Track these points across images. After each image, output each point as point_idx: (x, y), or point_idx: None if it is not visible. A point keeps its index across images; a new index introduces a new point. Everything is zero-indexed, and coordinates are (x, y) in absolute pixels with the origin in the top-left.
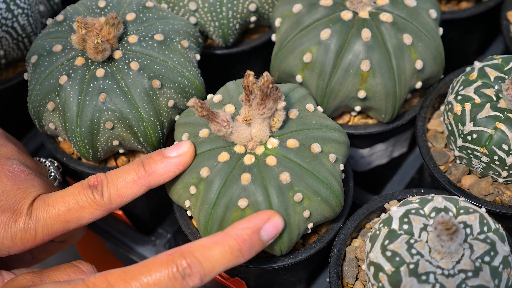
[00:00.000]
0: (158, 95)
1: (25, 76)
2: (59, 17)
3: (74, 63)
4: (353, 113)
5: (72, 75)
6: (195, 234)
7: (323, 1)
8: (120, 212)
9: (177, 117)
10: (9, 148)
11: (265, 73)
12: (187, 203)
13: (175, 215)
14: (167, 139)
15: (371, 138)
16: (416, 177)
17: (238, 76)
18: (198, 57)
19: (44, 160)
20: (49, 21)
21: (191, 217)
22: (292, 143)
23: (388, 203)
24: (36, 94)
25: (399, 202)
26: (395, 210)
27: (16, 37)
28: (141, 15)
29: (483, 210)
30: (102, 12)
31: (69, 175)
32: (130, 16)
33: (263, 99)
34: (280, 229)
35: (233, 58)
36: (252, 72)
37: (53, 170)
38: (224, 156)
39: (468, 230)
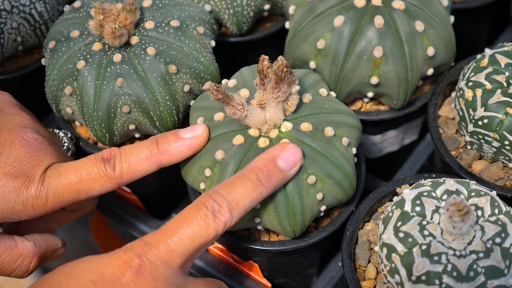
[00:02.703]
0: (174, 80)
1: (43, 61)
2: (77, 4)
3: (91, 48)
4: (365, 100)
5: (90, 60)
6: None
7: None
8: (134, 197)
9: (192, 102)
10: (24, 117)
11: (280, 57)
12: (202, 186)
13: (188, 199)
14: (182, 124)
15: (382, 125)
16: (427, 164)
17: (251, 63)
18: (213, 43)
19: (57, 131)
20: (66, 7)
21: None
22: (305, 126)
23: (400, 187)
24: (53, 79)
25: (410, 186)
26: (408, 192)
27: (34, 24)
28: (157, 1)
29: (494, 193)
30: None
31: None
32: (147, 3)
33: (277, 83)
34: (298, 156)
35: (247, 46)
36: (266, 57)
37: (66, 141)
38: (238, 139)
39: (479, 212)
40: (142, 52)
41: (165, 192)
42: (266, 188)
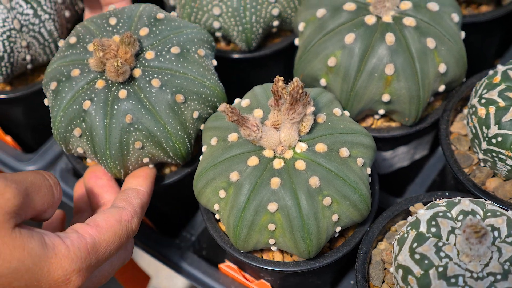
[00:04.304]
0: (183, 109)
1: (46, 102)
2: (72, 39)
3: (95, 87)
4: (376, 116)
5: (95, 99)
6: (223, 237)
7: (347, 5)
8: (143, 217)
9: (202, 126)
10: None
11: (295, 79)
12: (216, 207)
13: (199, 218)
14: (194, 147)
15: (394, 141)
16: (438, 180)
17: (260, 79)
18: (214, 62)
19: None
20: (61, 43)
21: (218, 220)
22: (320, 147)
23: (413, 205)
24: (60, 121)
25: (424, 205)
26: (423, 213)
27: (43, 42)
28: (154, 28)
29: (510, 213)
30: (114, 30)
31: None
32: (144, 31)
33: (292, 104)
34: None
35: (256, 62)
36: (281, 78)
37: None
38: (253, 160)
39: (495, 233)
40: (147, 84)
41: (175, 211)
42: None
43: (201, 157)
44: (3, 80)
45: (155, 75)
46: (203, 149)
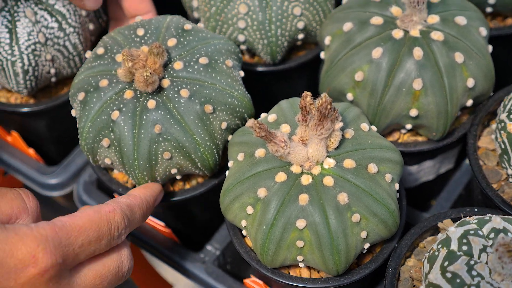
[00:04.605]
0: (211, 119)
1: (73, 113)
2: (100, 50)
3: (123, 97)
4: (403, 131)
5: (124, 109)
6: (249, 253)
7: (374, 19)
8: (168, 230)
9: (229, 137)
10: None
11: (324, 94)
12: (243, 223)
13: (223, 231)
14: (222, 159)
15: (420, 156)
16: (464, 194)
17: (284, 92)
18: (242, 73)
19: None
20: (88, 54)
21: (243, 235)
22: (348, 163)
23: (442, 222)
24: (88, 131)
25: (452, 221)
26: (453, 230)
27: (67, 55)
28: (181, 39)
29: None
30: (142, 41)
31: None
32: (171, 42)
33: (321, 120)
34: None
35: (280, 74)
36: (309, 93)
37: None
38: (281, 176)
39: None
40: (176, 95)
41: (200, 224)
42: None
43: (227, 172)
44: (27, 93)
45: (184, 86)
46: (230, 164)
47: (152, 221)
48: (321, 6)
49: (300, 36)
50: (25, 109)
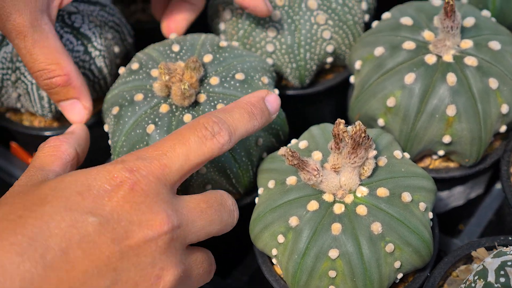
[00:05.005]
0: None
1: (105, 128)
2: (134, 66)
3: (158, 111)
4: (434, 157)
5: (159, 123)
6: (279, 281)
7: (406, 44)
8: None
9: (264, 154)
10: None
11: (358, 122)
12: (274, 252)
13: (250, 257)
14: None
15: (451, 182)
16: (495, 220)
17: (312, 115)
18: (276, 91)
19: None
20: (122, 70)
21: (273, 263)
22: (382, 192)
23: (475, 250)
24: (122, 145)
25: (486, 249)
26: (490, 261)
27: (93, 79)
28: (217, 55)
29: None
30: (178, 56)
31: None
32: (207, 58)
33: (354, 148)
34: (279, 102)
35: (308, 98)
36: (342, 120)
37: None
38: (313, 205)
39: None
40: (212, 109)
41: (228, 248)
42: (258, 122)
43: (257, 199)
44: (51, 117)
45: (220, 100)
46: (260, 191)
47: None
48: (350, 29)
49: (329, 59)
50: (49, 133)
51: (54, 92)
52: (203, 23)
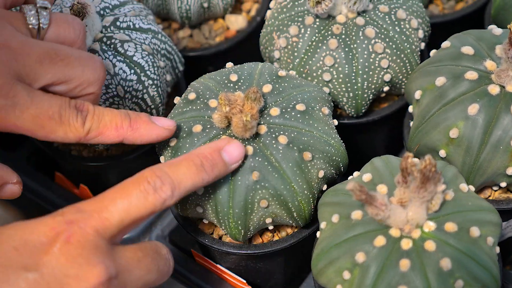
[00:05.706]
0: (310, 167)
1: (161, 160)
2: (191, 95)
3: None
4: (495, 188)
5: None
6: None
7: (468, 74)
8: (244, 283)
9: (324, 187)
10: None
11: (427, 157)
12: None
13: None
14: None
15: (511, 213)
16: None
17: (366, 144)
18: (335, 122)
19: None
20: (177, 100)
21: None
22: (450, 226)
23: None
24: None
25: None
26: None
27: (145, 109)
28: (276, 85)
29: None
30: (236, 86)
31: (210, 257)
32: (267, 88)
33: (423, 183)
34: (241, 152)
35: (362, 127)
36: (411, 154)
37: (32, 17)
38: (380, 241)
39: None
40: (273, 141)
41: (282, 281)
42: (208, 175)
43: (318, 233)
44: (103, 147)
45: (281, 132)
46: (322, 225)
47: (234, 278)
48: (408, 58)
49: (386, 88)
50: (100, 163)
51: None
52: (251, 51)
